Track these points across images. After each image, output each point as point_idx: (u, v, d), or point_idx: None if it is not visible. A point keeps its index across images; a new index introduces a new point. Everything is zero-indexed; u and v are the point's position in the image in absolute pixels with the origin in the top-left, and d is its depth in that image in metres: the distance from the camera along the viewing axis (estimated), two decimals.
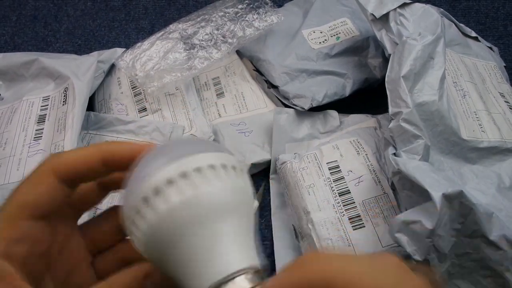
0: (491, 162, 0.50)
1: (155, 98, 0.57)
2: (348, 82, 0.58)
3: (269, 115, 0.58)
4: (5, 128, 0.53)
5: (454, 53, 0.57)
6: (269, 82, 0.59)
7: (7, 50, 0.70)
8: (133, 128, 0.54)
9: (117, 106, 0.58)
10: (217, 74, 0.64)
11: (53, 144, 0.49)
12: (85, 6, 0.76)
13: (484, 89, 0.56)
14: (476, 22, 0.72)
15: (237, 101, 0.61)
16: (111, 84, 0.60)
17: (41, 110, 0.54)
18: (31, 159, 0.49)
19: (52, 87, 0.56)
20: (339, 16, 0.64)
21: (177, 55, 0.57)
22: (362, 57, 0.60)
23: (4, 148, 0.51)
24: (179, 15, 0.74)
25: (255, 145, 0.56)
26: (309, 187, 0.49)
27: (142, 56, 0.57)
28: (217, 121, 0.59)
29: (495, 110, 0.54)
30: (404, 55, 0.46)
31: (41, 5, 0.76)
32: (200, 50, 0.58)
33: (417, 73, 0.46)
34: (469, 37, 0.63)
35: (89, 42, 0.72)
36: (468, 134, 0.49)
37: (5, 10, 0.76)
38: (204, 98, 0.61)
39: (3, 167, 0.49)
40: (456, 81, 0.53)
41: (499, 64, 0.63)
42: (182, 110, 0.56)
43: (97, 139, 0.54)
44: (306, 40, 0.61)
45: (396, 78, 0.46)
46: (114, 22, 0.74)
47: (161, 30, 0.61)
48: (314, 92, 0.56)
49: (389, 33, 0.50)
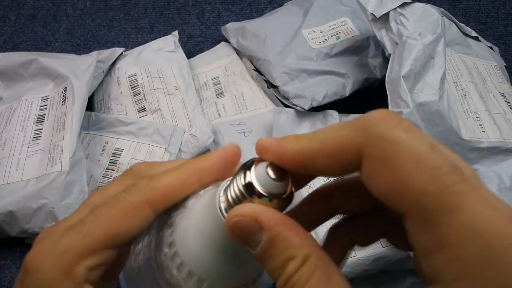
0: (492, 162, 0.50)
1: (155, 98, 0.57)
2: (348, 82, 0.57)
3: (269, 115, 0.58)
4: (4, 128, 0.53)
5: (455, 53, 0.57)
6: (269, 82, 0.59)
7: (6, 49, 0.70)
8: (133, 129, 0.54)
9: (117, 106, 0.58)
10: (216, 74, 0.64)
11: (52, 144, 0.49)
12: (84, 5, 0.76)
13: (485, 89, 0.56)
14: (476, 21, 0.72)
15: (236, 101, 0.61)
16: (110, 84, 0.60)
17: (40, 110, 0.54)
18: (30, 159, 0.49)
19: (51, 87, 0.56)
20: (339, 15, 0.64)
21: None
22: (362, 57, 0.60)
23: (3, 148, 0.51)
24: (179, 15, 0.74)
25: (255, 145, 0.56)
26: (309, 186, 0.49)
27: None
28: (216, 121, 0.59)
29: (496, 110, 0.54)
30: (404, 55, 0.46)
31: (40, 5, 0.76)
32: None
33: (417, 73, 0.46)
34: (470, 36, 0.63)
35: (88, 42, 0.71)
36: (468, 134, 0.49)
37: (4, 9, 0.75)
38: (203, 98, 0.61)
39: (2, 167, 0.49)
40: (456, 81, 0.53)
41: (500, 64, 0.62)
42: (182, 110, 0.56)
43: (97, 139, 0.54)
44: (306, 40, 0.61)
45: (396, 78, 0.46)
46: (113, 22, 0.74)
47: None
48: (314, 92, 0.56)
49: (389, 33, 0.50)
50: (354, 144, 0.17)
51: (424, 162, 0.15)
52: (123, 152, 0.53)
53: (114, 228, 0.20)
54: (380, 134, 0.16)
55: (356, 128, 0.17)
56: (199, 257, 0.19)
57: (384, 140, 0.16)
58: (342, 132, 0.17)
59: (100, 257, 0.19)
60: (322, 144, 0.18)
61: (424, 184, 0.15)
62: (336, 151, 0.17)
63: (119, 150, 0.53)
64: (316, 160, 0.18)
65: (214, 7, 0.75)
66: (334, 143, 0.17)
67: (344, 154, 0.17)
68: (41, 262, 0.19)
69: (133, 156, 0.53)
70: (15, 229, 0.46)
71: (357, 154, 0.17)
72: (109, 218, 0.20)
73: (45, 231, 0.21)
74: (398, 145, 0.16)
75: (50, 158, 0.48)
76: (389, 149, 0.16)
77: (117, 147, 0.54)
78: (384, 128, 0.16)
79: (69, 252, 0.19)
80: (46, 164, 0.48)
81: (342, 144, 0.17)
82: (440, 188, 0.15)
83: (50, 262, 0.19)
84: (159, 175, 0.21)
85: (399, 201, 0.16)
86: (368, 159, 0.16)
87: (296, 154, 0.18)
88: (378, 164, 0.16)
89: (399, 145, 0.16)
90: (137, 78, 0.59)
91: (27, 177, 0.47)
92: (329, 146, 0.17)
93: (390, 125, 0.16)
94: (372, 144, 0.16)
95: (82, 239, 0.19)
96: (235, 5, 0.75)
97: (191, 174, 0.20)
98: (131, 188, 0.20)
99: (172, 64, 0.61)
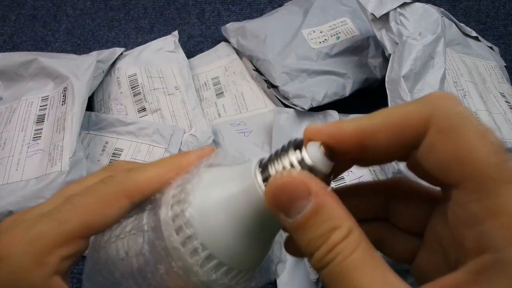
0: None
1: (155, 98, 0.57)
2: (348, 82, 0.57)
3: (269, 115, 0.58)
4: (4, 128, 0.53)
5: (455, 53, 0.57)
6: (269, 82, 0.59)
7: (6, 49, 0.70)
8: (133, 129, 0.54)
9: (117, 106, 0.58)
10: (216, 74, 0.64)
11: (52, 144, 0.49)
12: (84, 5, 0.76)
13: (485, 89, 0.56)
14: (476, 21, 0.72)
15: (236, 101, 0.61)
16: (110, 84, 0.60)
17: (40, 110, 0.54)
18: (30, 159, 0.49)
19: (51, 87, 0.56)
20: (339, 15, 0.64)
21: None
22: (362, 57, 0.60)
23: (3, 148, 0.51)
24: (179, 15, 0.74)
25: (255, 145, 0.56)
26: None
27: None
28: (216, 121, 0.59)
29: (496, 110, 0.54)
30: (404, 55, 0.46)
31: (40, 5, 0.76)
32: None
33: (417, 73, 0.46)
34: (470, 36, 0.63)
35: (88, 42, 0.72)
36: None
37: (4, 9, 0.75)
38: (203, 98, 0.61)
39: (2, 167, 0.49)
40: (456, 81, 0.53)
41: (500, 64, 0.62)
42: (182, 110, 0.56)
43: (97, 139, 0.54)
44: (306, 40, 0.61)
45: (396, 78, 0.46)
46: (113, 22, 0.74)
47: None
48: (314, 92, 0.56)
49: (389, 33, 0.50)
50: (421, 116, 0.17)
51: (488, 137, 0.16)
52: (123, 152, 0.53)
53: (90, 218, 0.19)
54: (449, 107, 0.17)
55: (422, 103, 0.18)
56: (222, 238, 0.19)
57: (453, 112, 0.17)
58: (408, 107, 0.18)
59: (74, 247, 0.19)
60: (386, 119, 0.18)
61: (488, 155, 0.16)
62: (401, 123, 0.18)
63: (119, 150, 0.53)
64: (377, 136, 0.18)
65: (214, 7, 0.75)
66: (400, 116, 0.18)
67: (409, 127, 0.18)
68: (12, 249, 0.19)
69: (133, 156, 0.53)
70: None
71: (423, 126, 0.17)
72: (86, 207, 0.19)
73: (11, 218, 0.21)
74: (466, 119, 0.17)
75: (50, 158, 0.48)
76: (457, 121, 0.17)
77: (117, 147, 0.54)
78: (452, 103, 0.17)
79: (43, 239, 0.19)
80: (46, 164, 0.48)
81: (408, 117, 0.18)
82: (501, 161, 0.16)
83: (22, 249, 0.18)
84: (138, 168, 0.21)
85: (460, 169, 0.16)
86: (434, 129, 0.17)
87: (355, 132, 0.18)
88: (445, 134, 0.17)
89: (467, 120, 0.17)
90: (137, 78, 0.59)
91: (27, 177, 0.47)
92: (393, 120, 0.18)
93: (456, 102, 0.18)
94: (441, 115, 0.17)
95: (57, 226, 0.19)
96: (235, 5, 0.75)
97: (169, 169, 0.20)
98: (109, 178, 0.20)
99: (172, 64, 0.61)
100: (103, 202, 0.20)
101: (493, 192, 0.16)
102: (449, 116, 0.17)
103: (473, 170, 0.16)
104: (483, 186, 0.16)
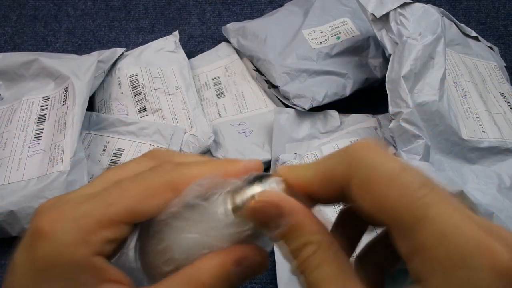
0: (492, 162, 0.50)
1: (155, 98, 0.57)
2: (349, 82, 0.58)
3: (269, 115, 0.58)
4: (5, 128, 0.53)
5: (455, 53, 0.57)
6: (269, 82, 0.59)
7: (7, 50, 0.70)
8: (134, 129, 0.54)
9: (117, 106, 0.58)
10: (217, 74, 0.64)
11: (53, 144, 0.49)
12: (85, 6, 0.76)
13: (485, 89, 0.56)
14: (476, 22, 0.72)
15: (237, 101, 0.61)
16: (111, 84, 0.60)
17: (41, 110, 0.54)
18: (31, 159, 0.49)
19: (52, 87, 0.56)
20: (339, 16, 0.64)
21: None
22: (362, 57, 0.60)
23: (4, 148, 0.51)
24: (180, 15, 0.74)
25: (255, 145, 0.56)
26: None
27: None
28: (217, 121, 0.59)
29: (496, 110, 0.54)
30: (404, 55, 0.46)
31: (41, 5, 0.76)
32: None
33: (418, 73, 0.46)
34: (470, 37, 0.63)
35: (89, 42, 0.72)
36: (468, 134, 0.49)
37: (5, 9, 0.75)
38: (204, 98, 0.61)
39: (3, 167, 0.49)
40: (456, 81, 0.53)
41: (500, 64, 0.63)
42: (182, 110, 0.56)
43: (98, 139, 0.54)
44: (307, 40, 0.61)
45: (396, 78, 0.46)
46: (114, 22, 0.74)
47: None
48: (314, 92, 0.56)
49: (390, 33, 0.50)
50: (342, 169, 0.19)
51: (396, 180, 0.18)
52: (124, 152, 0.53)
53: (136, 204, 0.19)
54: (365, 158, 0.19)
55: (342, 156, 0.19)
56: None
57: (368, 163, 0.18)
58: (332, 160, 0.20)
59: (118, 231, 0.19)
60: (315, 172, 0.20)
61: (398, 198, 0.17)
62: (327, 176, 0.20)
63: (120, 150, 0.53)
64: (312, 187, 0.20)
65: (214, 7, 0.75)
66: (325, 170, 0.20)
67: (334, 179, 0.19)
68: (57, 225, 0.18)
69: (134, 156, 0.53)
70: (16, 229, 0.46)
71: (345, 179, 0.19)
72: (133, 193, 0.19)
73: (54, 198, 0.20)
74: (374, 169, 0.18)
75: (51, 158, 0.48)
76: (367, 173, 0.18)
77: (118, 147, 0.54)
78: (368, 153, 0.19)
79: (89, 217, 0.19)
80: (47, 164, 0.48)
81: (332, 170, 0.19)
82: (411, 200, 0.17)
83: (68, 225, 0.18)
84: (188, 164, 0.21)
85: (381, 217, 0.18)
86: (354, 182, 0.19)
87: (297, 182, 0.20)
88: (363, 185, 0.18)
89: (375, 169, 0.18)
90: (137, 78, 0.59)
91: (28, 177, 0.48)
92: (320, 173, 0.20)
93: (372, 151, 0.19)
94: (357, 167, 0.19)
95: (105, 207, 0.19)
96: (236, 5, 0.75)
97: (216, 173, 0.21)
98: (158, 168, 0.20)
99: (172, 64, 0.61)
100: (150, 191, 0.20)
101: (412, 231, 0.17)
102: (365, 167, 0.18)
103: (391, 216, 0.17)
104: (403, 227, 0.17)
